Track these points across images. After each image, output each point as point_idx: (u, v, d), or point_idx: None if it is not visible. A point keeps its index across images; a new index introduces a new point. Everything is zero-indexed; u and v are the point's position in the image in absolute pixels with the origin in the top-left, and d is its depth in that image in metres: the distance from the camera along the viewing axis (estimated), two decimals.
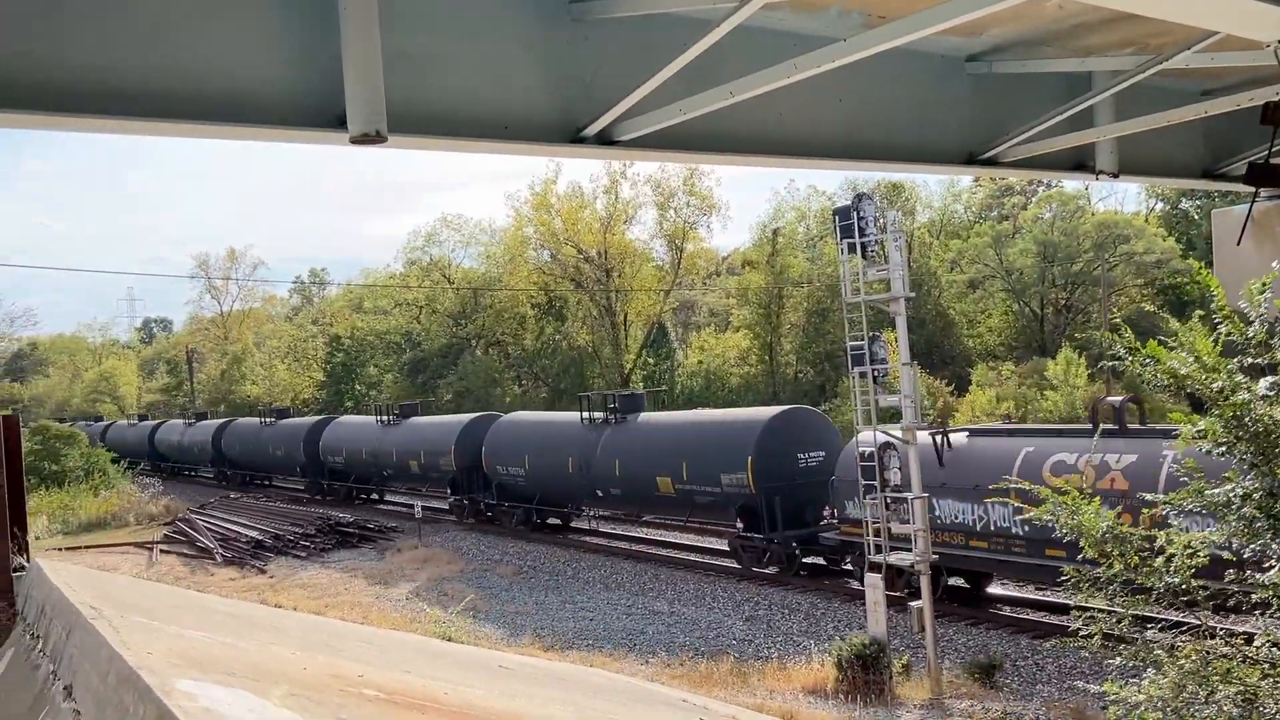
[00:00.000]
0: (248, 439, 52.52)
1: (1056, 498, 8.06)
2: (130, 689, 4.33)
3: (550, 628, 21.52)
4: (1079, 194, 58.07)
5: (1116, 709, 7.38)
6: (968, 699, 15.29)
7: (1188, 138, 8.74)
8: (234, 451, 54.20)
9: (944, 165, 7.73)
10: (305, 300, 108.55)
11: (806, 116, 6.72)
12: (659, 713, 8.35)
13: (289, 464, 48.22)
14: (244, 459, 53.36)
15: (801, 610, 21.45)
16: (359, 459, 41.75)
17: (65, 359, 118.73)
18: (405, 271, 74.91)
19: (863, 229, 17.10)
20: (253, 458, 52.22)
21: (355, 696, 4.97)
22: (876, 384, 17.50)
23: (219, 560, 32.27)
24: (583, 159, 63.86)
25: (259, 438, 50.94)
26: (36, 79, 4.59)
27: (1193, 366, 7.15)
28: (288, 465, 48.62)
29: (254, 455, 51.77)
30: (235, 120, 5.07)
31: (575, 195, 63.18)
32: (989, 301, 58.01)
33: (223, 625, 8.51)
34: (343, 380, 76.11)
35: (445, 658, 9.64)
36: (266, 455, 50.06)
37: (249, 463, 53.25)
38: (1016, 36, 7.09)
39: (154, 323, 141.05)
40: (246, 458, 52.97)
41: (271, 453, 49.32)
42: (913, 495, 16.57)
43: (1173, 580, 7.37)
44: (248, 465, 53.71)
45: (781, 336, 57.61)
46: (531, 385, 65.19)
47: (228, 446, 54.86)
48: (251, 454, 52.07)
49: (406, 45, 5.32)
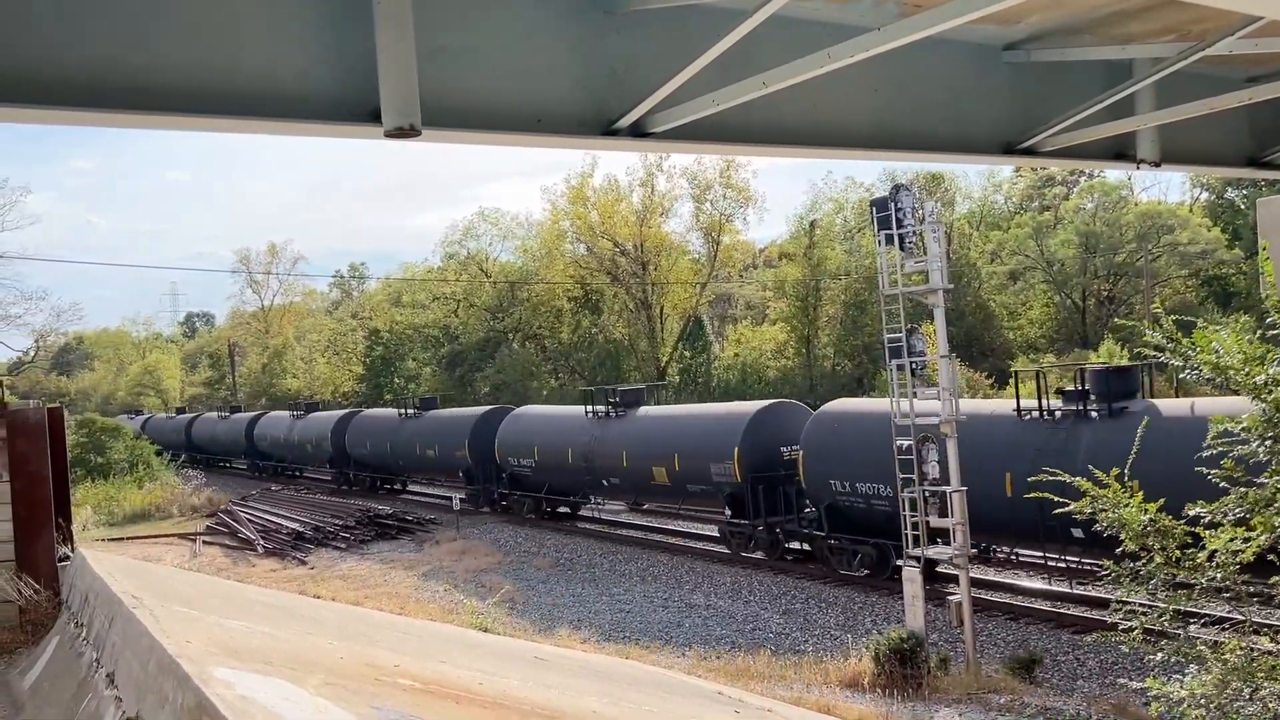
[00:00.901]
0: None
1: (1097, 491, 7.97)
2: (170, 677, 4.39)
3: (587, 620, 21.58)
4: (1121, 184, 57.35)
5: (1159, 705, 7.30)
6: (1007, 694, 15.16)
7: (1232, 125, 8.58)
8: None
9: (981, 155, 7.64)
10: (345, 294, 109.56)
11: (841, 107, 6.67)
12: (695, 705, 8.35)
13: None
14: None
15: (839, 604, 21.37)
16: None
17: (110, 353, 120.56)
18: (443, 265, 75.35)
19: (901, 220, 16.96)
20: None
21: (390, 686, 5.00)
22: (915, 377, 17.38)
23: (260, 552, 32.65)
24: (616, 151, 63.78)
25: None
26: (81, 77, 4.65)
27: (1235, 358, 7.04)
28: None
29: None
30: (272, 115, 5.11)
31: (611, 188, 63.25)
32: (1030, 293, 57.45)
33: (261, 615, 8.61)
34: (381, 374, 76.69)
35: (481, 649, 9.71)
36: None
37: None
38: (1054, 24, 6.99)
39: (196, 317, 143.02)
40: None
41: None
42: (951, 489, 16.44)
43: (1215, 575, 7.27)
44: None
45: (819, 329, 57.37)
46: (568, 378, 65.37)
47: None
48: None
49: (440, 39, 5.34)
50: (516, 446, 33.97)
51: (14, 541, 11.85)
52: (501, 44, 5.56)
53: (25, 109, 4.59)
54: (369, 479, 45.96)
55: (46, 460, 12.34)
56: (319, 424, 50.25)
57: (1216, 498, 7.28)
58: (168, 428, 72.11)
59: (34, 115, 4.70)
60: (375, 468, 45.48)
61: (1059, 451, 17.44)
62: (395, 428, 42.37)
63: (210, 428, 65.37)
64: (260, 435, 58.04)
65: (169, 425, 72.89)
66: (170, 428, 71.70)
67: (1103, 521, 7.86)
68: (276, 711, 3.59)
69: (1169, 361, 7.96)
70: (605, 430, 30.07)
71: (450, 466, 38.49)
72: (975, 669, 15.96)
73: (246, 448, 58.29)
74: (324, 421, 49.75)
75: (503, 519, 35.46)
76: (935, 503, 16.94)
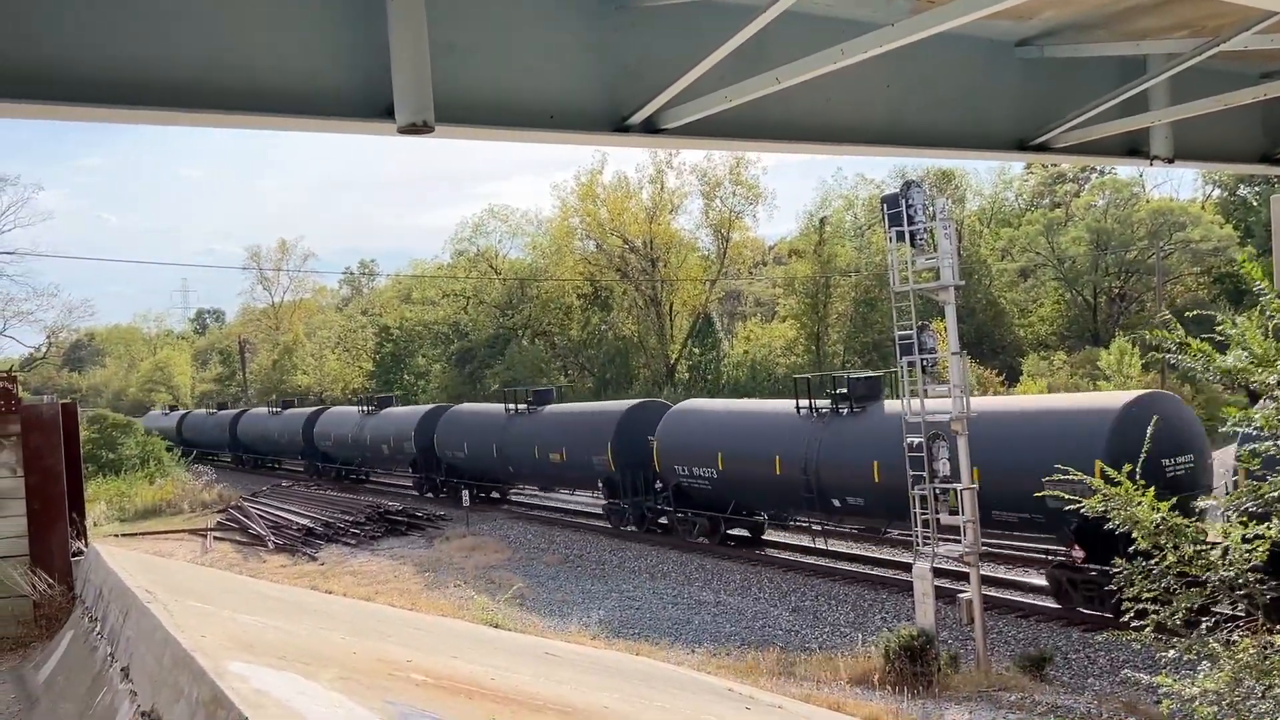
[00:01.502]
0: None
1: (1109, 490, 7.95)
2: (185, 671, 4.42)
3: (596, 616, 21.61)
4: (1133, 181, 57.14)
5: (1170, 702, 7.28)
6: (1017, 691, 15.12)
7: (1246, 121, 8.55)
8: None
9: (994, 151, 7.62)
10: (355, 291, 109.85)
11: (854, 103, 6.66)
12: (705, 701, 8.36)
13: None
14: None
15: (849, 601, 21.36)
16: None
17: (121, 349, 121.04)
18: (453, 262, 75.43)
19: (911, 217, 16.92)
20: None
21: (403, 680, 5.03)
22: (925, 374, 17.35)
23: (271, 547, 32.75)
24: (628, 147, 63.57)
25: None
26: (98, 74, 4.68)
27: (1245, 361, 7.02)
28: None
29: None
30: (287, 112, 5.13)
31: (621, 185, 63.24)
32: (1040, 290, 57.27)
33: (274, 610, 8.65)
34: (391, 370, 76.86)
35: (492, 644, 9.73)
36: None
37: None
38: (1068, 20, 6.97)
39: (207, 313, 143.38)
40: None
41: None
42: (962, 486, 16.42)
43: (1228, 574, 7.25)
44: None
45: (828, 326, 57.30)
46: (578, 375, 65.39)
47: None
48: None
49: (453, 35, 5.35)
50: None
51: (28, 536, 11.92)
52: (514, 40, 5.57)
53: (42, 105, 4.62)
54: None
55: (60, 455, 12.40)
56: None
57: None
58: (209, 425, 68.34)
59: (50, 111, 4.74)
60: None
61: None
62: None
63: (259, 425, 60.88)
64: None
65: (210, 422, 68.52)
66: (212, 424, 67.61)
67: (1114, 520, 7.84)
68: (291, 705, 3.60)
69: (1179, 363, 7.94)
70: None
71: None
72: (985, 666, 15.94)
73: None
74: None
75: (511, 516, 35.60)
76: (946, 500, 16.93)
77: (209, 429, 67.43)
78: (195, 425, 69.86)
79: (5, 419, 11.98)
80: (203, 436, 67.76)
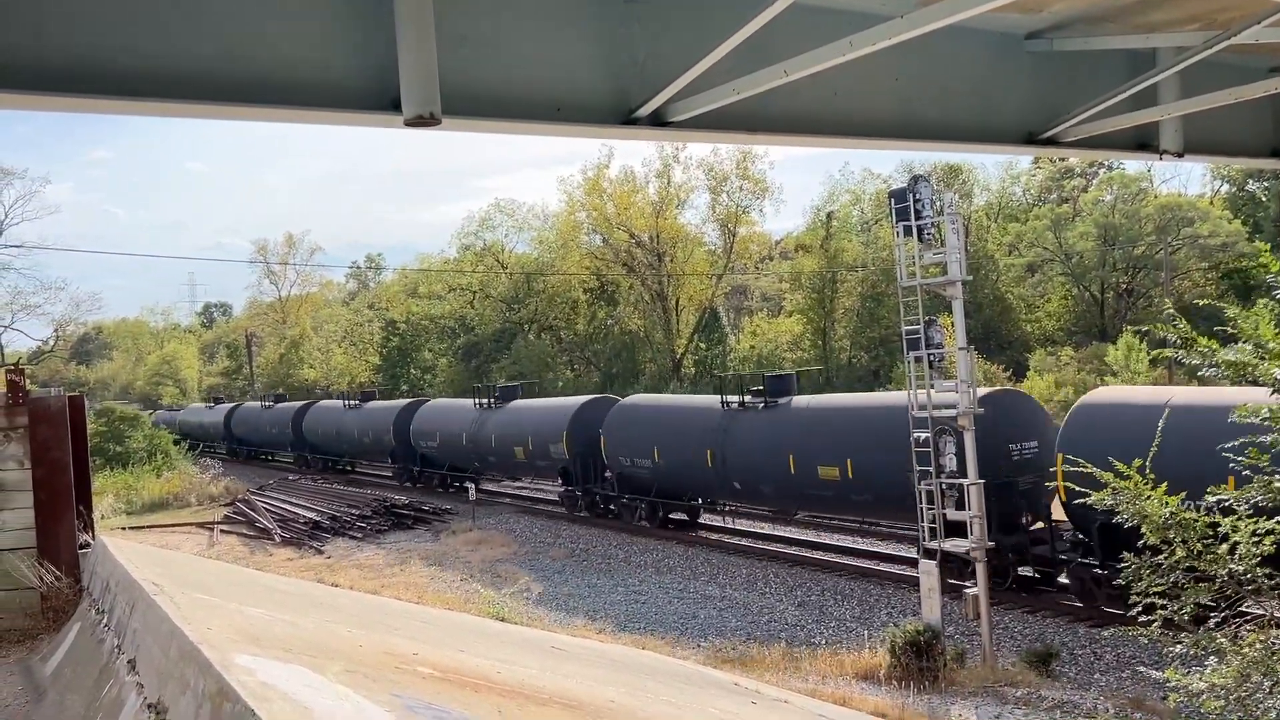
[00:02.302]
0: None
1: (1118, 483, 7.93)
2: (191, 663, 4.42)
3: (602, 611, 21.62)
4: (1141, 176, 56.94)
5: (1177, 697, 7.26)
6: (1023, 687, 15.11)
7: (1256, 116, 8.49)
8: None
9: (1002, 145, 7.58)
10: (361, 285, 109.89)
11: (862, 96, 6.63)
12: (711, 695, 8.36)
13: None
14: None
15: (855, 596, 21.35)
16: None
17: (129, 343, 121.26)
18: (459, 257, 75.45)
19: (919, 211, 16.89)
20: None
21: (409, 674, 5.02)
22: (932, 369, 17.31)
23: (277, 540, 32.82)
24: (635, 140, 63.30)
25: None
26: (106, 66, 4.67)
27: (1250, 354, 6.99)
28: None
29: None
30: (293, 104, 5.11)
31: (627, 179, 63.21)
32: (1048, 285, 57.13)
33: (281, 603, 8.65)
34: (398, 364, 76.92)
35: (499, 638, 9.73)
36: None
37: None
38: (1078, 13, 6.93)
39: (214, 307, 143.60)
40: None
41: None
42: (969, 481, 16.39)
43: (1237, 568, 7.22)
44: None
45: (835, 321, 57.22)
46: (584, 370, 65.39)
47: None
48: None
49: (460, 27, 5.33)
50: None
51: (35, 529, 11.93)
52: (522, 33, 5.55)
53: (50, 97, 4.62)
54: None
55: (68, 448, 12.41)
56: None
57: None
58: (264, 420, 60.76)
59: (59, 104, 4.74)
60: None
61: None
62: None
63: (331, 420, 51.43)
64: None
65: (265, 417, 60.63)
66: (268, 420, 59.90)
67: (1124, 514, 7.81)
68: (297, 698, 3.60)
69: (1186, 360, 7.91)
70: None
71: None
72: (992, 662, 15.92)
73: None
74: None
75: (518, 511, 35.65)
76: (954, 495, 16.91)
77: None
78: (328, 422, 67.04)
79: (13, 411, 12.00)
80: (340, 441, 65.06)
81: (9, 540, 11.80)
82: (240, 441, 64.59)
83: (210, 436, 67.78)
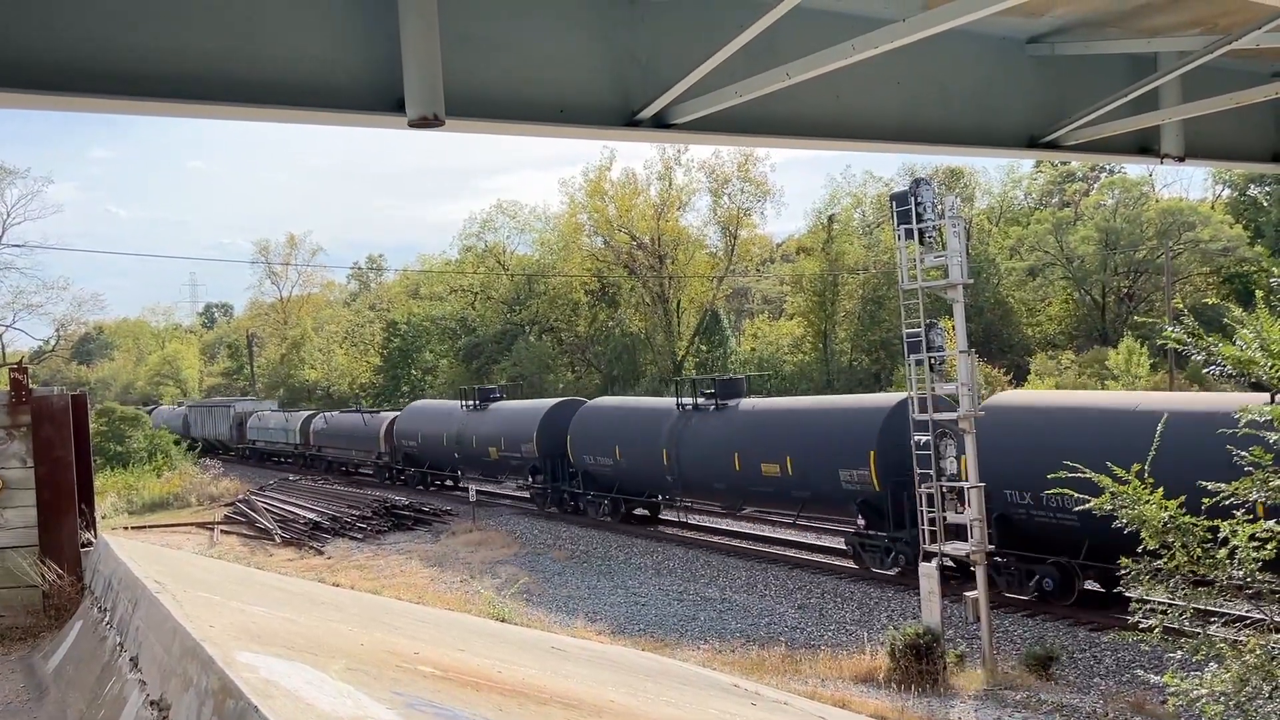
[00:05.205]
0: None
1: (1118, 488, 7.94)
2: (194, 660, 4.43)
3: (602, 612, 21.63)
4: (1142, 180, 56.95)
5: (1177, 700, 7.27)
6: (1023, 690, 15.12)
7: (1258, 120, 8.51)
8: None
9: (1005, 148, 7.60)
10: (363, 286, 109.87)
11: (864, 98, 6.65)
12: (711, 697, 8.37)
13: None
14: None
15: (855, 599, 21.36)
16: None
17: (130, 343, 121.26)
18: (461, 258, 75.47)
19: (920, 214, 16.91)
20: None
21: (411, 672, 5.04)
22: (933, 372, 17.33)
23: (278, 541, 32.84)
24: (638, 142, 63.31)
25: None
26: (108, 65, 4.69)
27: (1257, 353, 7.00)
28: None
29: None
30: (297, 104, 5.12)
31: (629, 181, 63.20)
32: (1049, 289, 57.11)
33: (282, 602, 8.67)
34: (399, 365, 76.92)
35: (499, 638, 9.74)
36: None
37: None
38: (1080, 17, 6.95)
39: (215, 307, 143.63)
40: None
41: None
42: (969, 484, 16.40)
43: (1236, 573, 7.23)
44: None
45: (836, 324, 57.20)
46: (585, 371, 65.38)
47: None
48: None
49: (464, 28, 5.35)
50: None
51: (38, 527, 11.93)
52: (525, 34, 5.57)
53: (54, 96, 4.63)
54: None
55: (70, 446, 12.41)
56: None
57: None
58: (352, 428, 49.96)
59: (63, 102, 4.75)
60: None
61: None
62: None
63: (424, 425, 42.90)
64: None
65: (347, 423, 50.97)
66: (353, 428, 49.67)
67: (1122, 518, 7.82)
68: (300, 694, 3.62)
69: (1192, 355, 7.92)
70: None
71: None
72: (992, 665, 15.93)
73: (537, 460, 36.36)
74: None
75: (519, 512, 35.65)
76: (954, 498, 16.92)
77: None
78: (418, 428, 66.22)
79: (16, 409, 12.01)
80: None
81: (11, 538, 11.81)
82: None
83: (440, 460, 42.84)
